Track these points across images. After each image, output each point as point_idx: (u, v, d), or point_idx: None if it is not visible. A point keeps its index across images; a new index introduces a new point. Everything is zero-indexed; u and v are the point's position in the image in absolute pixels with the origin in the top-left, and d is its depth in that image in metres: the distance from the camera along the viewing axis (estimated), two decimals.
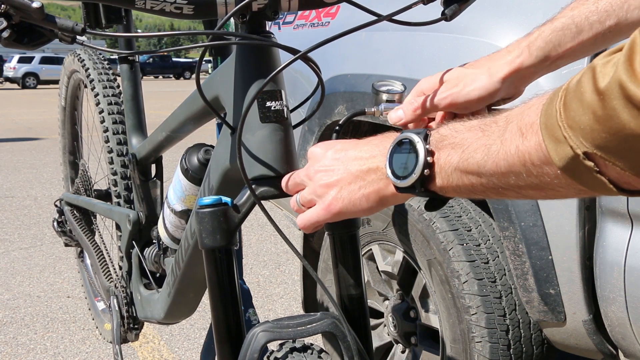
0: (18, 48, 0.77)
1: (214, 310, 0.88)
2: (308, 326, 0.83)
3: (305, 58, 0.82)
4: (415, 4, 0.80)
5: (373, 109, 0.85)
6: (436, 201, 0.68)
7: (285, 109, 0.88)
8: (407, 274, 1.69)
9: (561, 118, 0.48)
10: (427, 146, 0.63)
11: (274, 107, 0.87)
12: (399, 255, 1.68)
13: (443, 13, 0.82)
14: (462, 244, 1.47)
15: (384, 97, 0.86)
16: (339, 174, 0.71)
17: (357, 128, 1.92)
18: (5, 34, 0.74)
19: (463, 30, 1.44)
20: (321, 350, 0.87)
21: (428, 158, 0.62)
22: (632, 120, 0.43)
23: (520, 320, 1.47)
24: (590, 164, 0.47)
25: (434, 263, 1.52)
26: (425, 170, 0.62)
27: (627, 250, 1.22)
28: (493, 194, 0.60)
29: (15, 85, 29.04)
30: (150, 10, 0.80)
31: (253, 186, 0.87)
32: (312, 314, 0.86)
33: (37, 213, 4.64)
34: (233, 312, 0.88)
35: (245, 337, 0.82)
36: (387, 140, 0.69)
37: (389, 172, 0.66)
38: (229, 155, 0.95)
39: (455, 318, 1.49)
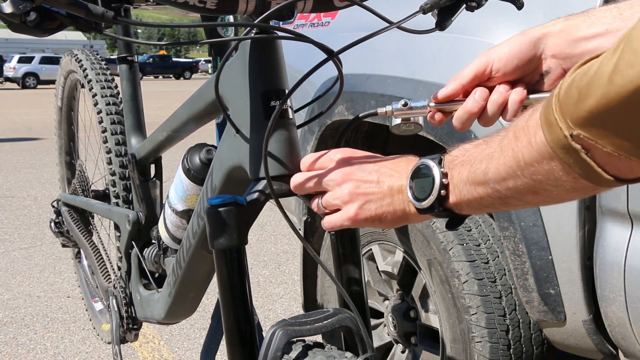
0: (30, 34, 0.72)
1: (226, 312, 0.87)
2: (325, 322, 0.83)
3: (336, 57, 0.83)
4: (415, 13, 0.84)
5: (385, 109, 0.83)
6: (455, 220, 0.72)
7: (289, 109, 0.88)
8: (407, 274, 1.69)
9: (556, 100, 0.52)
10: (442, 169, 0.69)
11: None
12: (399, 255, 1.68)
13: (437, 24, 0.88)
14: (462, 244, 1.47)
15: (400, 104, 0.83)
16: (370, 187, 0.75)
17: (357, 128, 1.92)
18: (31, 17, 0.69)
19: (462, 30, 1.44)
20: (338, 347, 0.87)
21: (443, 180, 0.68)
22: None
23: (520, 320, 1.47)
24: (578, 146, 0.51)
25: (434, 263, 1.52)
26: (442, 191, 0.68)
27: (627, 250, 1.22)
28: (500, 204, 0.65)
29: (15, 85, 29.05)
30: (174, 2, 0.79)
31: (263, 184, 0.87)
32: (324, 310, 0.86)
33: (37, 213, 4.64)
34: (245, 313, 0.87)
35: (265, 337, 0.81)
36: (411, 163, 0.74)
37: (410, 195, 0.72)
38: (232, 155, 0.95)
39: (455, 318, 1.49)
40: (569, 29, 0.78)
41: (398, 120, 0.83)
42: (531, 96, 0.79)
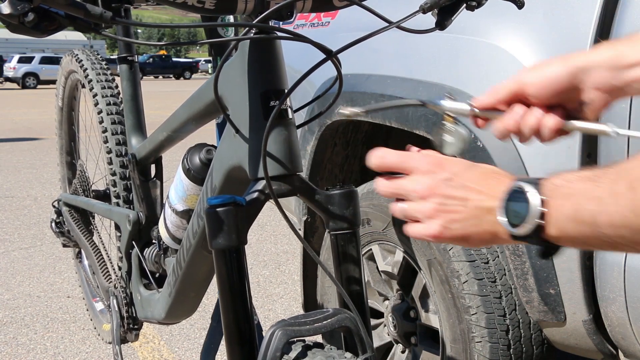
0: (29, 34, 0.72)
1: (225, 312, 0.87)
2: (324, 322, 0.83)
3: (335, 57, 0.83)
4: (415, 13, 0.84)
5: (434, 102, 0.79)
6: (550, 249, 0.67)
7: (289, 109, 0.88)
8: (407, 274, 1.69)
9: None
10: (542, 196, 0.63)
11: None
12: (399, 255, 1.68)
13: (437, 24, 0.87)
14: None
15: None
16: (455, 206, 0.70)
17: (357, 128, 1.92)
18: (29, 17, 0.68)
19: (462, 30, 1.44)
20: (337, 347, 0.87)
21: (542, 208, 0.63)
22: None
23: (520, 320, 1.47)
24: None
25: (434, 263, 1.52)
26: (540, 220, 0.63)
27: None
28: (608, 247, 0.61)
29: (15, 85, 29.06)
30: (173, 3, 0.79)
31: (263, 184, 0.87)
32: (323, 310, 0.85)
33: (37, 213, 4.64)
34: (244, 313, 0.87)
35: (264, 337, 0.81)
36: (505, 182, 0.69)
37: (503, 220, 0.66)
38: (232, 155, 0.95)
39: (455, 318, 1.49)
40: (614, 59, 0.74)
41: (449, 126, 0.79)
42: (570, 122, 0.75)
